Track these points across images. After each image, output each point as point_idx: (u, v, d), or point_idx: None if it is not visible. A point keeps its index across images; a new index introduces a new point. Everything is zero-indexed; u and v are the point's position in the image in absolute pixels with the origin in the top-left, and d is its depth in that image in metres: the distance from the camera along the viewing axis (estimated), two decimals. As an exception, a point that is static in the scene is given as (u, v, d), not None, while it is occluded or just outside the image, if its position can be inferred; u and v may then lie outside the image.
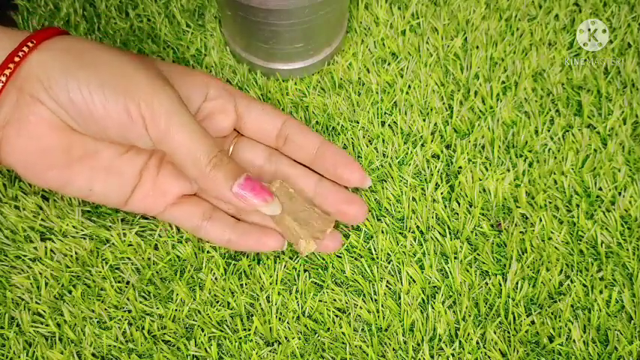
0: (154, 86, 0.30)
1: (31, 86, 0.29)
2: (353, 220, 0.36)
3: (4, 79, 0.29)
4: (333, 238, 0.35)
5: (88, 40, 0.31)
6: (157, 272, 0.37)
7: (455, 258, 0.37)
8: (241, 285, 0.36)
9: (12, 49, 0.30)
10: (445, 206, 0.38)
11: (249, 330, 0.35)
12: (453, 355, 0.34)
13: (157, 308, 0.36)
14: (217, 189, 0.31)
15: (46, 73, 0.29)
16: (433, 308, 0.35)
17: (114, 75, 0.29)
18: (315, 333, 0.35)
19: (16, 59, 0.29)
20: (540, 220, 0.38)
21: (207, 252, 0.37)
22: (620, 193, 0.39)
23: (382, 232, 0.38)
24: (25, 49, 0.29)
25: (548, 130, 0.41)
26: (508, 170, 0.40)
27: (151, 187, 0.34)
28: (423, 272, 0.36)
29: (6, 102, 0.30)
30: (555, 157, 0.40)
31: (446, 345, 0.34)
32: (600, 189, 0.39)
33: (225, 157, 0.31)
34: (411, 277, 0.36)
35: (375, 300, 0.36)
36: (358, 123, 0.41)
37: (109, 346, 0.35)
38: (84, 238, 0.37)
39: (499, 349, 0.34)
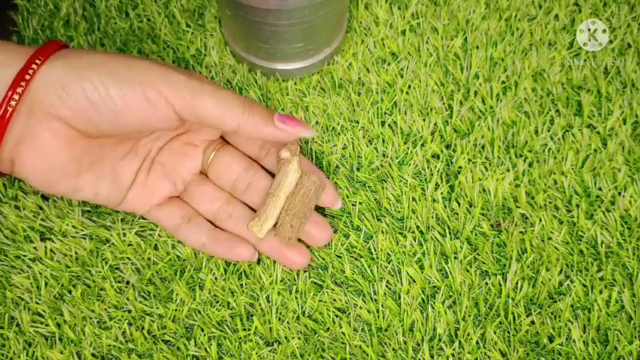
0: (165, 69, 0.31)
1: (43, 102, 0.30)
2: (316, 242, 0.37)
3: (17, 97, 0.29)
4: (301, 253, 0.36)
5: (90, 49, 0.32)
6: (156, 272, 0.37)
7: (455, 258, 0.37)
8: (241, 285, 0.36)
9: (19, 66, 0.30)
10: (445, 206, 0.38)
11: (249, 330, 0.35)
12: (452, 355, 0.34)
13: (157, 308, 0.36)
14: (259, 129, 0.33)
15: (60, 82, 0.30)
16: (433, 308, 0.35)
17: (124, 69, 0.30)
18: (315, 333, 0.35)
19: (27, 77, 0.29)
20: (540, 220, 0.38)
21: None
22: (620, 193, 0.39)
23: (382, 232, 0.38)
24: (34, 66, 0.30)
25: (548, 130, 0.41)
26: (508, 170, 0.40)
27: (141, 187, 0.36)
28: (422, 272, 0.36)
29: (18, 119, 0.30)
30: (555, 157, 0.40)
31: (446, 345, 0.34)
32: (600, 189, 0.39)
33: (254, 102, 0.33)
34: (410, 277, 0.36)
35: (375, 300, 0.36)
36: (358, 123, 0.41)
37: (109, 346, 0.35)
38: (84, 238, 0.37)
39: (499, 349, 0.34)
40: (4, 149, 0.30)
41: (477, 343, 0.35)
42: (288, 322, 0.35)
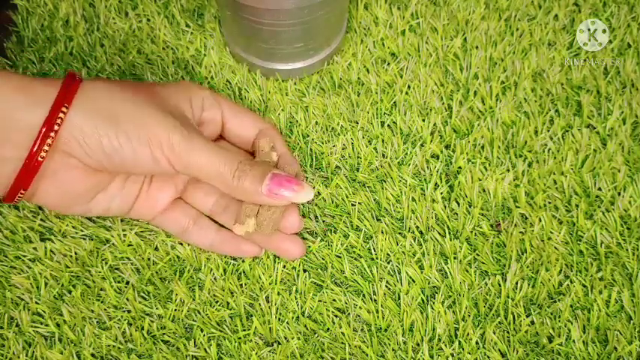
0: (168, 126, 0.32)
1: (65, 144, 0.31)
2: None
3: (49, 143, 0.31)
4: (295, 243, 0.36)
5: (106, 85, 0.33)
6: (156, 272, 0.37)
7: (454, 258, 0.37)
8: (241, 285, 0.36)
9: (45, 109, 0.31)
10: (445, 206, 0.38)
11: (249, 330, 0.35)
12: (452, 355, 0.34)
13: (157, 308, 0.36)
14: (248, 197, 0.33)
15: (81, 132, 0.31)
16: (433, 308, 0.35)
17: (136, 126, 0.32)
18: (315, 333, 0.35)
19: (56, 127, 0.31)
20: (540, 220, 0.38)
21: (207, 252, 0.37)
22: (619, 194, 0.39)
23: (382, 232, 0.38)
24: (62, 115, 0.31)
25: (548, 130, 0.41)
26: (507, 170, 0.40)
27: (145, 198, 0.36)
28: (422, 272, 0.36)
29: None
30: (555, 157, 0.40)
31: (445, 345, 0.34)
32: (600, 189, 0.39)
33: (247, 165, 0.33)
34: (410, 278, 0.36)
35: (375, 300, 0.36)
36: (358, 123, 0.41)
37: (109, 346, 0.35)
38: (84, 239, 0.37)
39: (499, 349, 0.34)
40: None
41: (477, 343, 0.35)
42: (287, 323, 0.35)
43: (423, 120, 0.41)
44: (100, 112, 0.32)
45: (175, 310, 0.36)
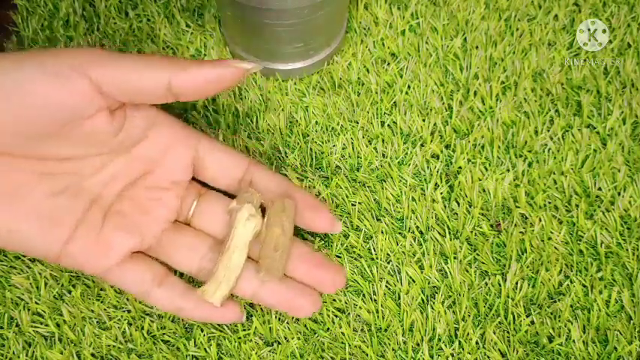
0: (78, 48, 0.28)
1: None
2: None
3: None
4: (312, 299, 0.32)
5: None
6: (156, 272, 0.37)
7: (454, 258, 0.37)
8: (241, 285, 0.36)
9: None
10: (445, 206, 0.38)
11: (249, 330, 0.35)
12: (452, 355, 0.34)
13: (157, 308, 0.36)
14: (195, 72, 0.28)
15: None
16: (433, 308, 0.35)
17: (23, 54, 0.26)
18: (315, 333, 0.35)
19: None
20: (540, 220, 0.38)
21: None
22: (619, 194, 0.39)
23: (382, 232, 0.38)
24: None
25: (548, 130, 0.41)
26: (508, 170, 0.40)
27: (92, 242, 0.30)
28: (422, 272, 0.36)
29: None
30: (555, 157, 0.40)
31: (445, 345, 0.34)
32: (600, 189, 0.39)
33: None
34: (410, 278, 0.36)
35: (375, 300, 0.36)
36: (358, 123, 0.41)
37: (109, 346, 0.35)
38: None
39: (499, 349, 0.34)
40: None
41: (477, 343, 0.35)
42: (287, 323, 0.35)
43: (423, 120, 0.41)
44: None
45: (175, 310, 0.36)
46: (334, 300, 0.36)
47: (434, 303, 0.36)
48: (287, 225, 0.31)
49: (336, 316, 0.35)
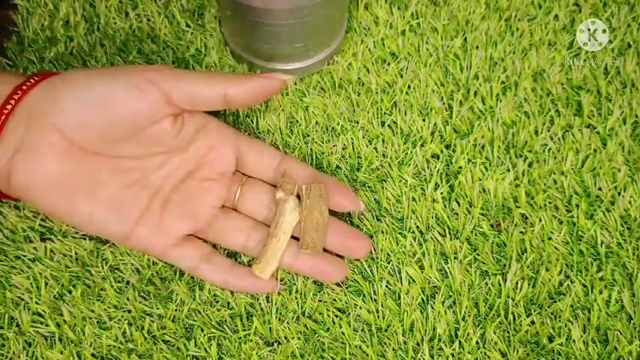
0: (154, 66, 0.33)
1: (38, 112, 0.31)
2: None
3: (12, 102, 0.31)
4: (338, 266, 0.36)
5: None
6: (156, 272, 0.37)
7: (455, 258, 0.37)
8: (241, 285, 0.36)
9: (17, 83, 0.32)
10: (445, 206, 0.38)
11: (249, 330, 0.35)
12: (452, 355, 0.34)
13: (157, 308, 0.36)
14: (245, 83, 0.34)
15: (53, 91, 0.31)
16: (433, 308, 0.35)
17: (108, 69, 0.32)
18: (315, 333, 0.35)
19: (24, 87, 0.31)
20: (540, 220, 0.38)
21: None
22: (619, 193, 0.39)
23: (382, 232, 0.38)
24: (32, 80, 0.32)
25: (548, 130, 0.41)
26: (508, 170, 0.40)
27: (154, 226, 0.34)
28: (422, 272, 0.36)
29: (16, 131, 0.31)
30: (555, 157, 0.40)
31: (446, 345, 0.34)
32: (600, 189, 0.39)
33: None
34: (410, 277, 0.36)
35: (375, 300, 0.36)
36: (358, 123, 0.41)
37: (109, 346, 0.35)
38: (84, 238, 0.37)
39: (499, 349, 0.34)
40: (1, 158, 0.31)
41: (477, 343, 0.35)
42: (288, 323, 0.35)
43: (424, 120, 0.41)
44: (74, 73, 0.32)
45: (176, 310, 0.36)
46: (334, 300, 0.36)
47: (434, 303, 0.36)
48: (324, 208, 0.35)
49: (337, 316, 0.35)
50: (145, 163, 0.35)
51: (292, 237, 0.36)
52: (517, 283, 0.36)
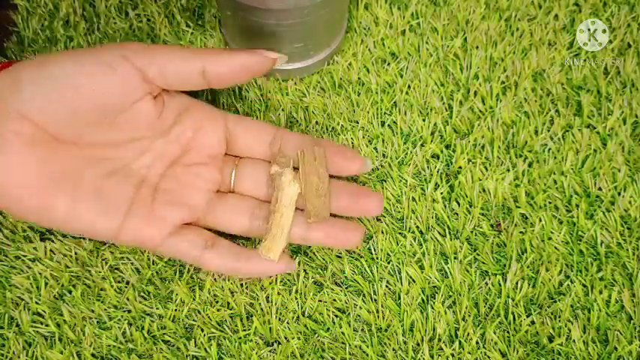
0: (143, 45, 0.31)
1: (2, 100, 0.28)
2: (372, 211, 0.35)
3: None
4: (358, 232, 0.34)
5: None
6: (156, 272, 0.37)
7: (455, 258, 0.37)
8: (241, 285, 0.36)
9: None
10: (445, 206, 0.38)
11: (249, 330, 0.35)
12: (452, 355, 0.34)
13: (157, 308, 0.36)
14: (226, 60, 0.32)
15: (17, 75, 0.28)
16: (433, 308, 0.35)
17: (81, 50, 0.30)
18: (315, 333, 0.35)
19: None
20: (540, 220, 0.38)
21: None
22: (619, 193, 0.39)
23: (382, 232, 0.38)
24: None
25: (548, 130, 0.41)
26: (508, 170, 0.40)
27: (145, 216, 0.32)
28: (422, 272, 0.36)
29: None
30: (555, 157, 0.40)
31: (445, 345, 0.34)
32: (600, 189, 0.39)
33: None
34: (410, 277, 0.36)
35: (375, 300, 0.36)
36: (358, 123, 0.41)
37: (109, 346, 0.35)
38: (84, 238, 0.37)
39: (499, 349, 0.34)
40: None
41: (477, 343, 0.35)
42: (287, 323, 0.35)
43: (424, 120, 0.41)
44: (42, 57, 0.30)
45: (176, 310, 0.36)
46: (334, 300, 0.36)
47: (434, 303, 0.36)
48: (321, 171, 0.33)
49: (337, 316, 0.35)
50: (125, 150, 0.32)
51: (298, 209, 0.34)
52: (517, 283, 0.36)
